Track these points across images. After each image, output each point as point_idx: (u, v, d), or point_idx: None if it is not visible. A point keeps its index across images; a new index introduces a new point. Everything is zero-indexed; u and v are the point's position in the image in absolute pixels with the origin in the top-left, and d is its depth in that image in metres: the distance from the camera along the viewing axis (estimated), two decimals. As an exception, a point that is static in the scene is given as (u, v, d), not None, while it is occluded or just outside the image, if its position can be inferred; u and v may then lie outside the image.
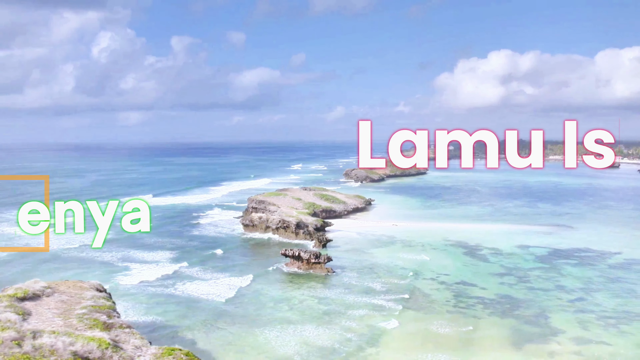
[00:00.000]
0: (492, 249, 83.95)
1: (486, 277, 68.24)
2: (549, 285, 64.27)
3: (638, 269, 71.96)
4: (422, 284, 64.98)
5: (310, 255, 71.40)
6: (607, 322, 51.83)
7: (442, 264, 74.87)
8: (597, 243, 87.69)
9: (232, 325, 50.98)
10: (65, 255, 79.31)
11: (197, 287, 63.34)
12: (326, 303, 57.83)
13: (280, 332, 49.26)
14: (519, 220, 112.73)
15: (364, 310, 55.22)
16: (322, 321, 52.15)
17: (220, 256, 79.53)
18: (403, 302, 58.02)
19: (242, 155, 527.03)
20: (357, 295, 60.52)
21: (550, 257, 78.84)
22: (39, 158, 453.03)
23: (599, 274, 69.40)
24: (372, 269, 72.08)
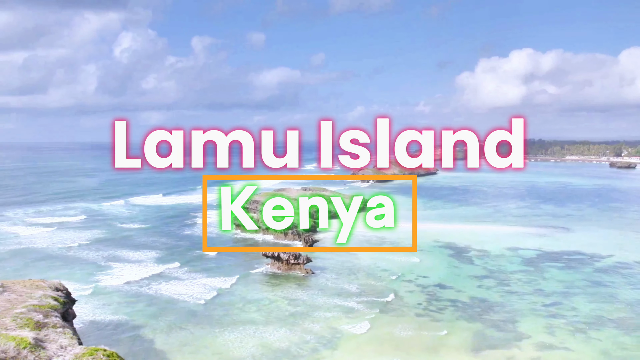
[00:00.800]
0: (480, 251, 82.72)
1: (466, 280, 67.21)
2: (527, 289, 63.00)
3: (625, 272, 70.20)
4: (399, 286, 64.22)
5: (289, 256, 71.12)
6: (576, 327, 50.57)
7: (425, 266, 74.00)
8: (590, 245, 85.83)
9: (196, 326, 50.92)
10: (56, 254, 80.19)
11: (174, 287, 63.40)
12: (296, 305, 57.49)
13: (241, 333, 49.06)
14: (517, 221, 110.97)
15: (332, 313, 54.76)
16: (286, 323, 51.82)
17: (206, 256, 79.61)
18: (374, 304, 57.37)
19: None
20: (329, 297, 60.07)
21: (537, 259, 77.38)
22: (58, 157, 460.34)
23: (583, 277, 67.85)
24: (353, 271, 71.53)
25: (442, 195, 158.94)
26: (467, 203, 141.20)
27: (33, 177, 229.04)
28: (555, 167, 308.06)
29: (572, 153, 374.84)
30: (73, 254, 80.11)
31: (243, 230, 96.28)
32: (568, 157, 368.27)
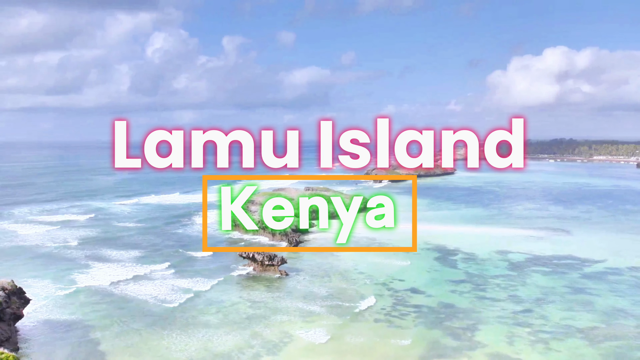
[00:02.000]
0: (467, 254, 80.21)
1: (441, 284, 65.03)
2: (501, 295, 60.50)
3: (612, 279, 66.90)
4: (370, 290, 62.44)
5: (263, 257, 70.10)
6: (538, 337, 48.09)
7: (404, 269, 72.03)
8: (585, 250, 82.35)
9: (147, 327, 50.31)
10: (44, 252, 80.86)
11: (144, 288, 62.88)
12: (257, 307, 56.39)
13: (188, 336, 48.21)
14: (518, 223, 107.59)
15: (290, 317, 53.45)
16: (238, 326, 50.76)
17: (187, 257, 79.19)
18: (337, 309, 55.85)
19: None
20: (294, 300, 58.79)
21: (524, 264, 74.49)
22: (88, 155, 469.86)
23: (565, 284, 64.88)
24: (329, 273, 70.08)
25: (451, 196, 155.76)
26: (473, 204, 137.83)
27: (53, 175, 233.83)
28: (579, 167, 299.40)
29: (600, 153, 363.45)
30: (61, 252, 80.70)
31: (242, 230, 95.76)
32: (595, 157, 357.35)
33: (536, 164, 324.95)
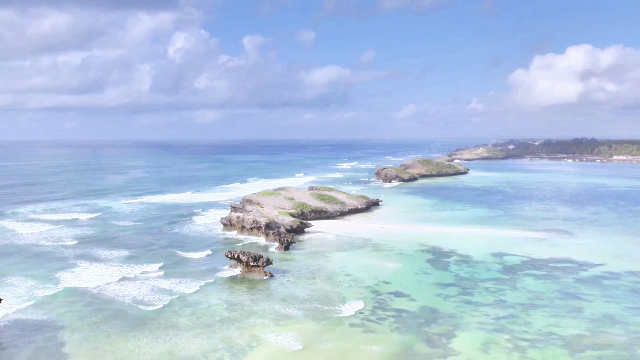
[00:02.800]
0: (462, 256, 78.01)
1: (428, 288, 63.06)
2: (488, 300, 58.34)
3: (608, 284, 64.17)
4: (353, 293, 60.80)
5: (248, 258, 68.91)
6: (516, 345, 45.98)
7: (393, 271, 70.20)
8: (585, 253, 79.53)
9: (118, 330, 49.42)
10: (37, 251, 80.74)
11: (126, 289, 61.99)
12: (233, 310, 55.18)
13: (155, 339, 47.20)
14: (521, 224, 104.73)
15: (264, 320, 52.12)
16: (209, 329, 49.60)
17: (179, 257, 78.25)
18: (315, 312, 54.37)
19: (299, 153, 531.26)
20: (272, 302, 57.44)
21: (519, 267, 72.08)
22: (109, 154, 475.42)
23: (557, 288, 62.41)
24: (315, 275, 68.57)
25: (459, 196, 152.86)
26: (479, 205, 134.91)
27: (67, 174, 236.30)
28: (598, 167, 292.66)
29: (620, 153, 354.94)
30: (54, 252, 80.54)
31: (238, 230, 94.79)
32: (615, 157, 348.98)
33: (554, 164, 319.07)
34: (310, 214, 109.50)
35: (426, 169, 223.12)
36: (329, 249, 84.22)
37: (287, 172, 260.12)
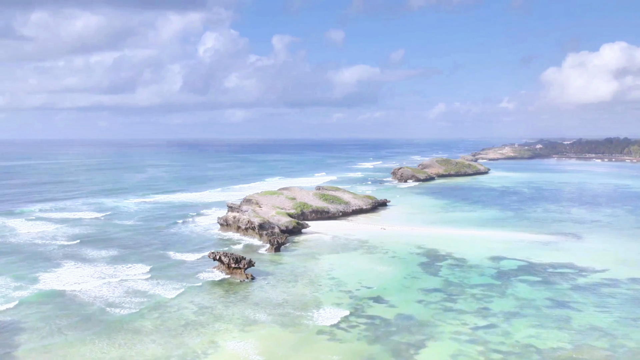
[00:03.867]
0: (457, 260, 74.70)
1: (411, 293, 60.13)
2: (471, 307, 55.09)
3: (604, 292, 60.13)
4: (331, 297, 58.32)
5: (229, 259, 67.05)
6: (488, 358, 42.87)
7: (381, 275, 67.41)
8: (588, 257, 75.30)
9: (78, 333, 48.02)
10: (28, 250, 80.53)
11: (102, 292, 60.32)
12: (201, 313, 53.32)
13: (112, 343, 45.63)
14: (529, 226, 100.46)
15: (229, 325, 50.09)
16: (169, 334, 47.81)
17: (169, 258, 76.61)
18: (284, 317, 52.11)
19: (325, 153, 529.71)
20: (244, 306, 55.39)
21: (514, 272, 68.44)
22: (137, 153, 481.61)
23: (549, 295, 58.73)
24: (298, 277, 66.29)
25: (473, 197, 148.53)
26: (491, 206, 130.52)
27: (87, 173, 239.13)
28: (626, 167, 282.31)
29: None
30: (44, 251, 79.87)
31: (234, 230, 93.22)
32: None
33: (581, 164, 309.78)
34: (311, 214, 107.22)
35: (444, 168, 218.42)
36: (322, 250, 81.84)
37: (308, 171, 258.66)
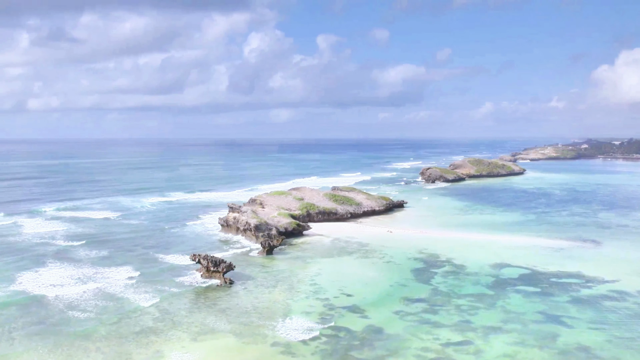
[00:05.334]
0: (455, 266, 69.79)
1: (392, 302, 55.83)
2: (451, 320, 50.43)
3: (607, 306, 54.17)
4: (304, 306, 54.69)
5: (208, 262, 64.41)
6: (448, 379, 38.51)
7: (367, 282, 63.34)
8: (599, 266, 68.98)
9: (28, 337, 46.15)
10: (22, 249, 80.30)
11: (71, 293, 58.25)
12: (161, 319, 50.69)
13: (55, 349, 43.55)
14: (548, 231, 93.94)
15: (183, 333, 47.22)
16: (118, 341, 45.29)
17: (153, 259, 74.77)
18: (246, 327, 48.89)
19: (364, 152, 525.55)
20: (208, 313, 52.53)
21: (513, 281, 63.09)
22: (176, 152, 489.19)
23: (542, 309, 53.32)
24: (278, 283, 62.95)
25: (498, 199, 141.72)
26: (514, 208, 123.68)
27: (120, 172, 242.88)
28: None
29: None
30: (36, 251, 79.11)
31: (233, 231, 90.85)
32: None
33: (627, 165, 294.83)
34: (317, 215, 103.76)
35: (476, 169, 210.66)
36: (316, 254, 78.29)
37: (342, 171, 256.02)
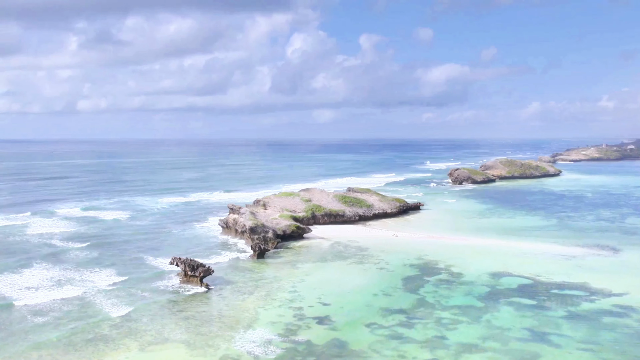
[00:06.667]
0: (451, 274, 65.04)
1: (368, 313, 51.69)
2: (425, 335, 46.03)
3: (605, 323, 48.48)
4: (272, 315, 51.22)
5: (185, 266, 61.83)
6: (396, 405, 34.39)
7: (351, 289, 59.40)
8: (609, 278, 62.78)
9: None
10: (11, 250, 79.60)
11: (38, 296, 56.71)
12: (119, 326, 48.15)
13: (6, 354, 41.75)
14: (564, 237, 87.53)
15: (135, 342, 44.50)
16: (64, 350, 42.86)
17: (140, 262, 72.42)
18: (202, 337, 45.90)
19: (405, 152, 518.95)
20: (170, 321, 49.79)
21: (509, 292, 57.95)
22: (215, 152, 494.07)
23: (532, 325, 48.18)
24: (257, 290, 59.74)
25: (522, 202, 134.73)
26: (537, 212, 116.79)
27: (147, 171, 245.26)
28: None
29: None
30: (29, 251, 78.26)
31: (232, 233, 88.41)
32: None
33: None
34: (322, 217, 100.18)
35: (507, 170, 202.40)
36: (309, 258, 74.82)
37: (376, 171, 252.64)
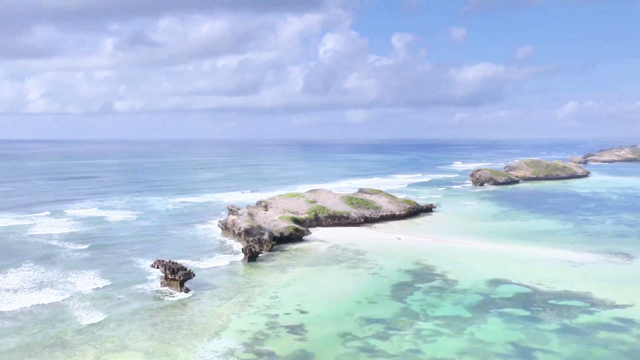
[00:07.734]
0: (445, 282, 61.47)
1: (344, 323, 48.67)
2: (399, 349, 42.74)
3: (601, 338, 44.26)
4: (243, 324, 48.67)
5: (166, 269, 59.89)
6: None
7: (334, 297, 56.50)
8: (614, 287, 58.14)
9: None
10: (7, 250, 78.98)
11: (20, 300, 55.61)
12: (82, 332, 46.23)
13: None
14: (576, 242, 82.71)
15: (94, 350, 42.58)
16: (20, 355, 41.46)
17: (128, 265, 70.30)
18: (167, 346, 43.75)
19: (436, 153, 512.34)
20: (137, 326, 47.72)
21: (503, 301, 54.09)
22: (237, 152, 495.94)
23: (519, 339, 44.43)
24: (237, 295, 57.30)
25: (541, 204, 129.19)
26: (555, 214, 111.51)
27: (168, 171, 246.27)
28: None
29: None
30: (24, 251, 77.39)
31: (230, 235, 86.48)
32: None
33: None
34: (326, 219, 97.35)
35: (532, 171, 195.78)
36: (302, 262, 72.18)
37: (399, 172, 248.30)
